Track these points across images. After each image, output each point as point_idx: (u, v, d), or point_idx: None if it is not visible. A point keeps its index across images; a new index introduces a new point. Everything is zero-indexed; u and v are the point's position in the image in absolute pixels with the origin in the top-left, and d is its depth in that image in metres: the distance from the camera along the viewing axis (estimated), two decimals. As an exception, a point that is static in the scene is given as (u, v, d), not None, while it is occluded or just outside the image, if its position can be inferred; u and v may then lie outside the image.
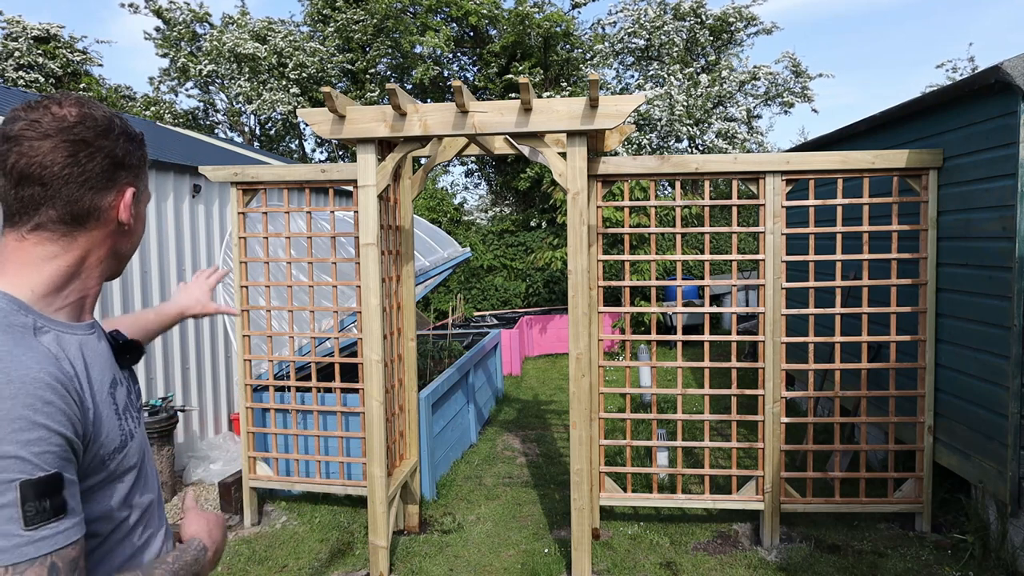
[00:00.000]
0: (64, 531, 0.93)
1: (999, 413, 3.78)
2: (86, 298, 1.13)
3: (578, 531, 3.86)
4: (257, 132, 19.73)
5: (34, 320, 1.02)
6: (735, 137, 15.43)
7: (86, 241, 1.09)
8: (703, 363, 4.47)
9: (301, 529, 4.72)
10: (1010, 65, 3.53)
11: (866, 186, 4.32)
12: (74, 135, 1.03)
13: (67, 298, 1.09)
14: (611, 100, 3.63)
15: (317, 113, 3.85)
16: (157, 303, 5.73)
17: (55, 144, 1.02)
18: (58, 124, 1.02)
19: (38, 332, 1.01)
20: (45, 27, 17.45)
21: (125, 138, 1.10)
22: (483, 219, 18.13)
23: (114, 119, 1.09)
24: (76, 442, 0.98)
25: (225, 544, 1.31)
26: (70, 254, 1.08)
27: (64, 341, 1.05)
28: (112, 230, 1.11)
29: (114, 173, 1.08)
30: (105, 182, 1.07)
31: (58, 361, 1.00)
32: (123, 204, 1.10)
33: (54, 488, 0.93)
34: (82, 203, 1.06)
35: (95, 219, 1.08)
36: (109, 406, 1.08)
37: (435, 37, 16.27)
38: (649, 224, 7.95)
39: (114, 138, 1.08)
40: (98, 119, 1.06)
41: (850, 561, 4.04)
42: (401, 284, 4.69)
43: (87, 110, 1.06)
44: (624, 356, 5.04)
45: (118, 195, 1.10)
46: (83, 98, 1.09)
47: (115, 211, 1.10)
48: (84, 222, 1.07)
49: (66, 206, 1.05)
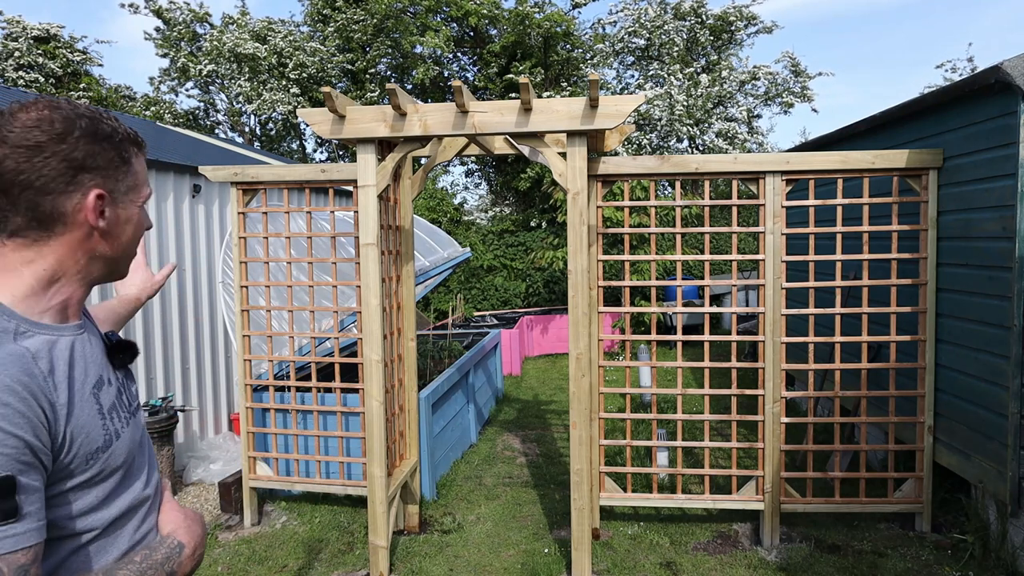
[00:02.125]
0: (14, 535, 0.91)
1: (999, 413, 3.78)
2: (69, 300, 1.12)
3: (578, 531, 3.86)
4: (257, 132, 19.72)
5: (16, 325, 1.02)
6: (735, 137, 15.43)
7: (59, 245, 1.08)
8: (703, 363, 4.47)
9: (301, 529, 4.72)
10: (1010, 65, 3.53)
11: (866, 186, 4.31)
12: (27, 140, 1.02)
13: (50, 301, 1.09)
14: (611, 100, 3.63)
15: (317, 113, 3.85)
16: (157, 303, 5.73)
17: (10, 150, 1.01)
18: (16, 131, 1.02)
19: (19, 336, 1.01)
20: (45, 27, 17.44)
21: (87, 139, 1.06)
22: (483, 219, 18.13)
23: (77, 121, 1.06)
24: (39, 446, 0.97)
25: (205, 542, 1.26)
26: (46, 259, 1.08)
27: (46, 343, 1.05)
28: (84, 234, 1.09)
29: (74, 176, 1.06)
30: (64, 185, 1.05)
31: (33, 361, 1.00)
32: (88, 207, 1.07)
33: (5, 491, 0.91)
34: (43, 208, 1.04)
35: (62, 223, 1.07)
36: (91, 406, 1.09)
37: (435, 37, 16.27)
38: (649, 224, 7.95)
39: (73, 141, 1.05)
40: (56, 121, 1.04)
41: (850, 561, 4.04)
42: (401, 284, 4.69)
43: (47, 112, 1.04)
44: (624, 356, 5.04)
45: (82, 197, 1.07)
46: (53, 101, 1.07)
47: (82, 214, 1.07)
48: (51, 227, 1.06)
49: (28, 212, 1.04)
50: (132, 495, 1.17)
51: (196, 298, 6.20)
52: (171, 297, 5.89)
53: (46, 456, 0.99)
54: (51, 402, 1.00)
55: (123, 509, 1.15)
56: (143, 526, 1.20)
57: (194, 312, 6.17)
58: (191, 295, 6.13)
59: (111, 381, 1.17)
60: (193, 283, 6.16)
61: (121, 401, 1.19)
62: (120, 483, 1.14)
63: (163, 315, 5.80)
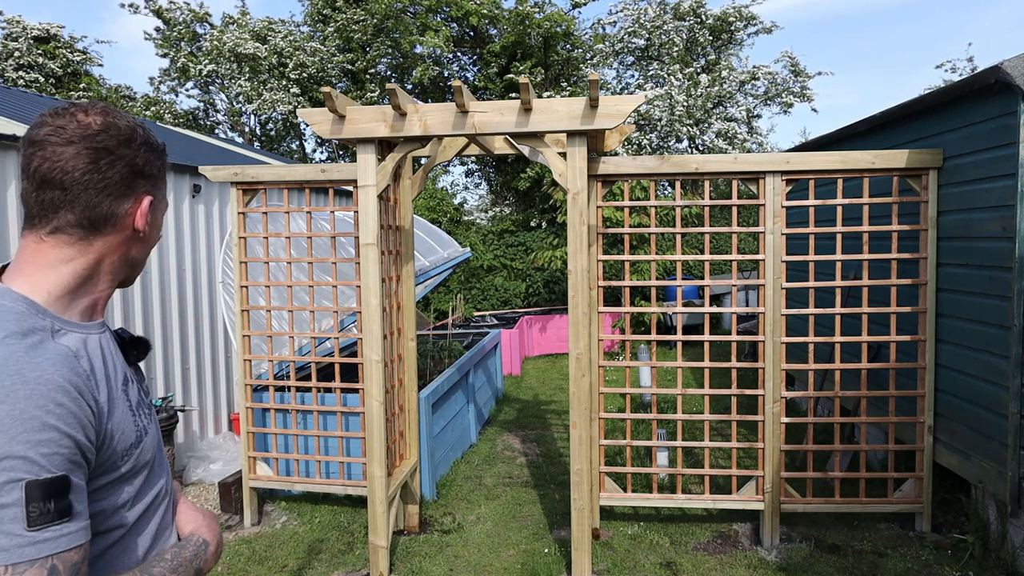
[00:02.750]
0: (67, 534, 0.94)
1: (999, 413, 3.78)
2: (98, 301, 1.15)
3: (578, 531, 3.86)
4: (257, 132, 19.72)
5: (52, 323, 1.04)
6: (735, 137, 15.43)
7: (102, 246, 1.11)
8: (703, 363, 4.47)
9: (301, 529, 4.72)
10: (1010, 65, 3.53)
11: (866, 186, 4.31)
12: (97, 143, 1.06)
13: (80, 300, 1.11)
14: (611, 100, 3.63)
15: (317, 113, 3.85)
16: (157, 303, 5.73)
17: (78, 151, 1.05)
18: (82, 131, 1.05)
19: (56, 335, 1.03)
20: (45, 27, 17.44)
21: (146, 148, 1.13)
22: (483, 219, 18.13)
23: (137, 129, 1.12)
24: (87, 445, 0.99)
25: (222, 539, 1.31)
26: (85, 258, 1.10)
27: (81, 340, 1.07)
28: (127, 236, 1.14)
29: (133, 181, 1.11)
30: (124, 189, 1.10)
31: (76, 360, 1.02)
32: (140, 212, 1.13)
33: (60, 490, 0.93)
34: (100, 209, 1.08)
35: (111, 225, 1.11)
36: (123, 402, 1.10)
37: (435, 37, 16.27)
38: (649, 224, 7.95)
39: (136, 147, 1.11)
40: (121, 128, 1.10)
41: (850, 561, 4.04)
42: (401, 284, 4.69)
43: (111, 119, 1.09)
44: (624, 356, 5.04)
45: (135, 203, 1.13)
46: (109, 107, 1.12)
47: (131, 218, 1.13)
48: (101, 227, 1.10)
49: (84, 211, 1.07)
50: (155, 490, 1.19)
51: (196, 298, 6.20)
52: (171, 297, 5.89)
53: (91, 454, 1.01)
54: (96, 399, 1.02)
55: (147, 504, 1.17)
56: (162, 522, 1.22)
57: (194, 312, 6.17)
58: (191, 295, 6.13)
59: (132, 379, 1.20)
60: (193, 283, 6.16)
61: (142, 398, 1.21)
62: (147, 479, 1.16)
63: (163, 315, 5.80)
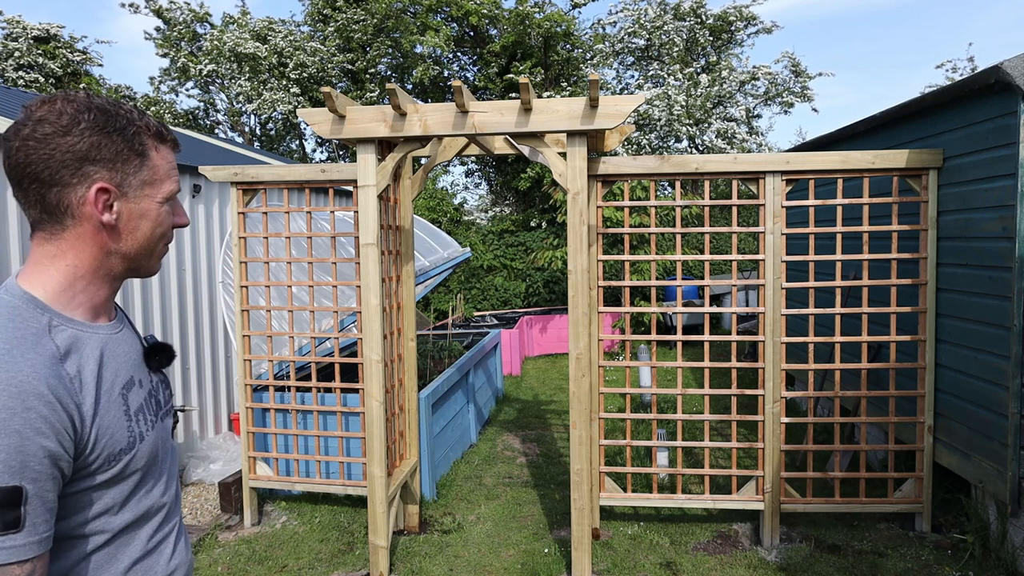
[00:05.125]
0: (11, 547, 0.90)
1: (999, 413, 3.78)
2: (96, 298, 1.12)
3: (578, 531, 3.86)
4: (257, 132, 19.72)
5: (50, 318, 1.03)
6: (735, 137, 15.43)
7: (73, 239, 1.07)
8: (703, 363, 4.47)
9: (301, 529, 4.72)
10: (1010, 65, 3.53)
11: (866, 186, 4.31)
12: (35, 133, 1.02)
13: (78, 297, 1.09)
14: (611, 100, 3.63)
15: (317, 113, 3.85)
16: (157, 303, 5.73)
17: (19, 146, 1.02)
18: (29, 124, 1.03)
19: (53, 330, 1.02)
20: (45, 27, 17.44)
21: (94, 131, 1.04)
22: (483, 219, 18.13)
23: (85, 113, 1.04)
24: (59, 452, 0.96)
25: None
26: (66, 253, 1.07)
27: (79, 339, 1.05)
28: (94, 228, 1.07)
29: (78, 168, 1.04)
30: (69, 177, 1.03)
31: (61, 363, 1.00)
32: (89, 200, 1.05)
33: (10, 501, 0.89)
34: (49, 199, 1.04)
35: (70, 216, 1.06)
36: (118, 407, 1.08)
37: (435, 37, 16.27)
38: (649, 224, 7.95)
39: (78, 132, 1.03)
40: (64, 114, 1.03)
41: (850, 561, 4.04)
42: (401, 284, 4.69)
43: (59, 105, 1.03)
44: (624, 356, 5.04)
45: (87, 191, 1.05)
46: (71, 95, 1.06)
47: (88, 207, 1.06)
48: (61, 219, 1.06)
49: (38, 204, 1.05)
50: (149, 501, 1.16)
51: (196, 298, 6.20)
52: (171, 297, 5.89)
53: (67, 463, 0.98)
54: (77, 404, 1.00)
55: (137, 514, 1.13)
56: (157, 534, 1.18)
57: (194, 312, 6.17)
58: (191, 295, 6.13)
59: (143, 383, 1.17)
60: (193, 283, 6.16)
61: (150, 404, 1.18)
62: (136, 486, 1.13)
63: (163, 315, 5.80)
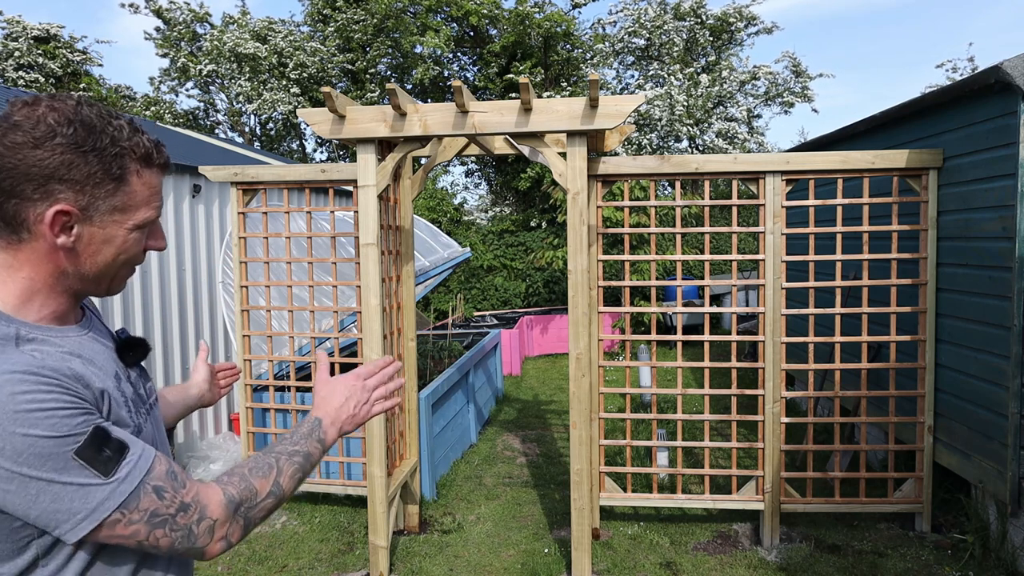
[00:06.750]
0: (138, 458, 1.00)
1: (999, 413, 3.78)
2: (58, 310, 1.08)
3: (578, 531, 3.86)
4: (257, 132, 19.72)
5: (16, 329, 1.00)
6: (735, 137, 15.43)
7: (29, 252, 1.02)
8: (703, 363, 4.47)
9: (301, 529, 4.72)
10: (1010, 65, 3.53)
11: (866, 186, 4.31)
12: (6, 140, 0.97)
13: (41, 310, 1.06)
14: (611, 100, 3.63)
15: (317, 113, 3.85)
16: (157, 303, 5.73)
17: None
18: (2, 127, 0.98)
19: (21, 341, 0.99)
20: (45, 27, 17.43)
21: (68, 148, 0.97)
22: (483, 219, 18.13)
23: (65, 127, 0.97)
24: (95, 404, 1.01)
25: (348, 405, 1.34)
26: (23, 266, 1.03)
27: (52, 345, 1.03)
28: (49, 247, 1.02)
29: (43, 184, 0.97)
30: (31, 192, 0.97)
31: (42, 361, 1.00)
32: (46, 219, 0.99)
33: (103, 438, 0.97)
34: (7, 209, 0.99)
35: (27, 231, 1.00)
36: (118, 395, 1.08)
37: (435, 37, 16.27)
38: (649, 224, 7.95)
39: (51, 147, 0.96)
40: (41, 124, 0.97)
41: (850, 561, 4.04)
42: (401, 284, 4.69)
43: (40, 112, 0.98)
44: (624, 356, 5.04)
45: (46, 209, 0.99)
46: (57, 102, 1.00)
47: (43, 226, 0.99)
48: (17, 232, 1.00)
49: None
50: None
51: (196, 298, 6.20)
52: (171, 297, 5.89)
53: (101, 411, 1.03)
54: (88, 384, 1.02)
55: None
56: None
57: (194, 312, 6.17)
58: (191, 295, 6.13)
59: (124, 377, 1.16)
60: (193, 283, 6.17)
61: (139, 395, 1.18)
62: None
63: (163, 315, 5.80)
